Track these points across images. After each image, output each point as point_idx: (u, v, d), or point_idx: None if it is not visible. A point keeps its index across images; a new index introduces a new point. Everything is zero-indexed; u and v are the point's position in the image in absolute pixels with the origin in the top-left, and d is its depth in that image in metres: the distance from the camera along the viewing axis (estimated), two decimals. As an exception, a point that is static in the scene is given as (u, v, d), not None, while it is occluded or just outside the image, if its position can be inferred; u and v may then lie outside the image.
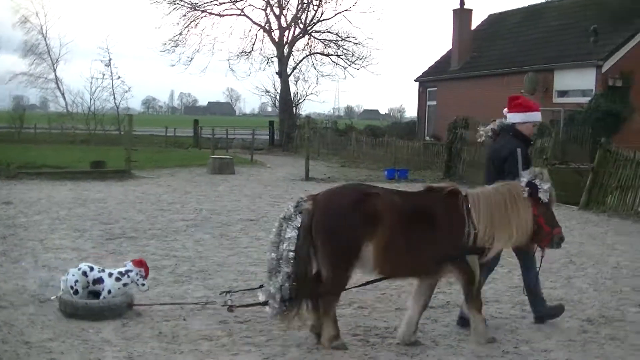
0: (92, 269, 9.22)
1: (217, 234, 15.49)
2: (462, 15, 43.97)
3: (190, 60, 54.79)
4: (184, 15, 52.73)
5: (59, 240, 14.11)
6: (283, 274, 7.92)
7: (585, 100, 31.13)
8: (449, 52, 45.96)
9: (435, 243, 8.10)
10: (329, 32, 54.72)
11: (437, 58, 48.72)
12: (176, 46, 53.52)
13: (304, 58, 55.60)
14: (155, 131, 59.89)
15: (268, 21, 53.70)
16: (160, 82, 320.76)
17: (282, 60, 53.52)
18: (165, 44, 53.91)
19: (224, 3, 52.81)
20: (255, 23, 54.07)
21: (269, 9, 53.28)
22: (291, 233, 7.96)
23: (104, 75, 59.62)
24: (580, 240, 15.83)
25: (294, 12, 53.77)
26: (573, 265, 13.18)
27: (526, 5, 45.67)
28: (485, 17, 49.04)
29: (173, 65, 55.16)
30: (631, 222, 18.96)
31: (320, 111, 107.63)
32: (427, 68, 48.54)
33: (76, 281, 9.06)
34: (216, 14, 53.32)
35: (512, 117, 9.54)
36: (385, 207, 7.94)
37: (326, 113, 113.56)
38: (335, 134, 47.27)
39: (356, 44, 54.24)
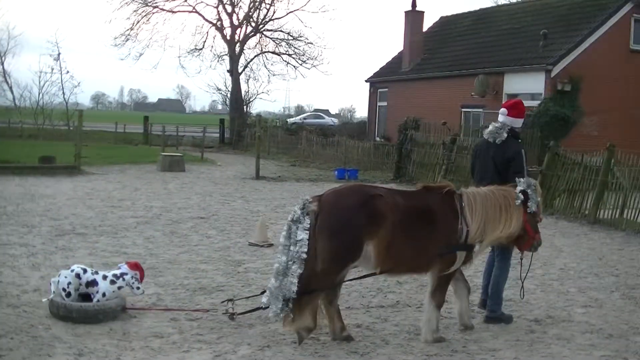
0: (85, 271, 9.02)
1: (167, 231, 15.45)
2: (413, 17, 44.11)
3: (140, 56, 54.43)
4: (135, 11, 52.32)
5: (7, 236, 13.96)
6: (295, 275, 8.01)
7: (534, 103, 31.41)
8: (400, 53, 46.11)
9: (432, 240, 8.45)
10: (281, 31, 54.64)
11: (389, 59, 48.87)
12: (126, 41, 53.10)
13: (255, 56, 55.47)
14: (105, 127, 59.38)
15: (220, 19, 53.44)
16: (110, 78, 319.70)
17: (234, 58, 53.33)
18: (115, 38, 53.52)
19: (176, -1, 52.57)
20: (207, 20, 53.82)
21: (220, 7, 53.00)
22: (302, 235, 8.08)
23: (52, 69, 59.03)
24: (528, 242, 15.98)
25: (246, 10, 53.57)
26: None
27: (477, 8, 46.15)
28: (437, 19, 49.28)
29: (122, 60, 54.75)
30: (578, 225, 19.19)
31: (271, 110, 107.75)
32: (378, 69, 48.64)
33: (69, 283, 8.86)
34: (168, 10, 52.96)
35: (514, 122, 9.89)
36: (388, 207, 8.21)
37: (277, 112, 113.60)
38: (286, 133, 47.22)
39: (308, 43, 54.28)
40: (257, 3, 53.30)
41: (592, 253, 15.07)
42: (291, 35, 54.35)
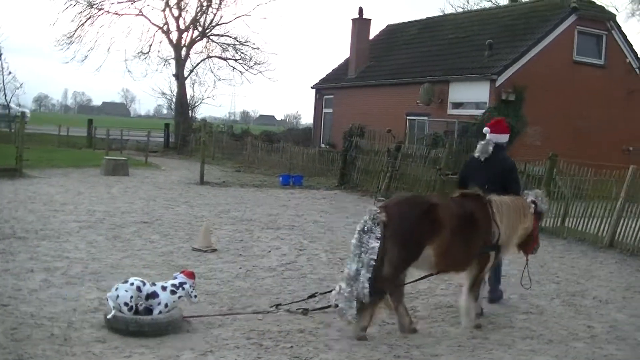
0: (144, 283, 8.96)
1: (110, 236, 15.30)
2: (360, 24, 44.25)
3: (84, 59, 54.02)
4: (80, 12, 51.89)
5: (-55, 239, 13.77)
6: (366, 280, 8.67)
7: (479, 112, 31.72)
8: (347, 60, 46.23)
9: (475, 242, 9.59)
10: (228, 35, 54.68)
11: (335, 66, 48.99)
12: (71, 43, 52.62)
13: (201, 61, 55.39)
14: (48, 130, 58.61)
15: (166, 22, 53.23)
16: (54, 80, 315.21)
17: (180, 62, 53.15)
18: (59, 40, 52.97)
19: (122, 2, 52.21)
20: (154, 24, 53.63)
21: (167, 10, 52.82)
22: (374, 243, 8.82)
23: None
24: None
25: (193, 14, 53.50)
26: (464, 273, 13.43)
27: (424, 17, 46.43)
28: (384, 27, 49.55)
29: (67, 62, 54.34)
30: (520, 233, 19.37)
31: (216, 115, 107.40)
32: (324, 76, 48.79)
33: (131, 297, 8.76)
34: (114, 13, 52.65)
35: (499, 138, 11.12)
36: (445, 215, 9.23)
37: (222, 117, 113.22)
38: (231, 138, 47.12)
39: (254, 48, 54.28)
40: (204, 7, 53.26)
41: (534, 261, 15.09)
42: (238, 41, 54.51)
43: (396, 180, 26.38)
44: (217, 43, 54.90)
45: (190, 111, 55.28)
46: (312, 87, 48.57)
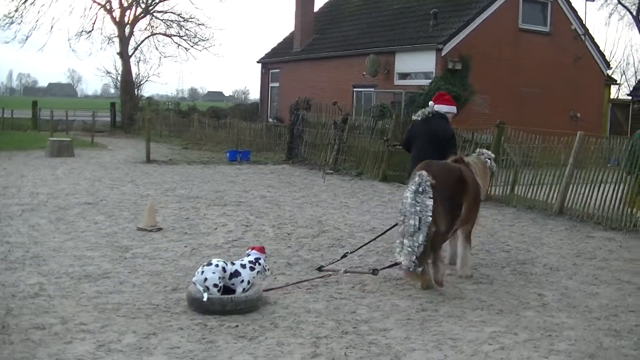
0: (226, 263, 9.15)
1: (53, 218, 14.93)
2: (304, -4, 43.96)
3: (26, 39, 53.12)
4: (21, -9, 50.90)
5: None
6: (423, 236, 9.83)
7: (425, 82, 31.65)
8: (292, 34, 45.97)
9: (478, 198, 11.06)
10: (172, 12, 54.13)
11: (280, 40, 48.67)
12: (12, 23, 51.67)
13: (145, 38, 54.78)
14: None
15: (109, 0, 52.48)
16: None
17: (124, 40, 52.40)
18: (-1, 20, 51.91)
19: (63, -20, 51.42)
20: (95, 1, 52.78)
21: (109, -13, 52.06)
22: (428, 202, 9.88)
23: None
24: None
25: (136, -9, 52.72)
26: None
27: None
28: (328, -1, 49.25)
29: (7, 43, 53.33)
30: (469, 202, 19.31)
31: (164, 93, 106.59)
32: (270, 50, 48.45)
33: (219, 278, 8.95)
34: (54, -8, 51.74)
35: (444, 109, 12.32)
36: (467, 177, 10.64)
37: (170, 95, 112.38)
38: (177, 115, 46.65)
39: (198, 24, 53.78)
40: (146, -16, 52.52)
41: (483, 230, 15.08)
42: (182, 17, 53.85)
43: (344, 152, 26.20)
44: (161, 20, 54.33)
45: (136, 89, 54.64)
46: (257, 62, 48.29)
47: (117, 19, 52.48)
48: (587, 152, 18.23)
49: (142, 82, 55.96)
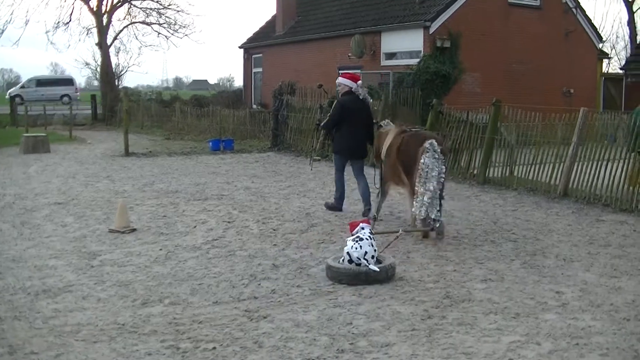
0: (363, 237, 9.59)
1: (18, 222, 13.68)
2: (285, -22, 42.80)
3: (2, 33, 51.75)
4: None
5: None
6: (439, 199, 11.74)
7: (413, 62, 30.49)
8: (274, 17, 44.90)
9: None
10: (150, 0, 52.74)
11: (262, 24, 47.58)
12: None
13: (124, 28, 53.48)
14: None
15: (85, -10, 51.02)
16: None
17: (102, 30, 50.98)
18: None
19: (36, -30, 50.05)
20: (71, -8, 51.46)
21: (84, -24, 50.62)
22: (443, 167, 11.76)
23: None
24: (415, 209, 14.83)
25: (112, -21, 51.27)
26: (410, 236, 12.13)
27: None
28: (310, -21, 48.03)
29: (-17, 38, 52.09)
30: (467, 186, 18.18)
31: (148, 83, 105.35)
32: (251, 34, 47.32)
33: (374, 250, 9.48)
34: (29, -17, 50.44)
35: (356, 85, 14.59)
36: None
37: (155, 85, 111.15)
38: (159, 105, 45.39)
39: (178, 11, 52.59)
40: (122, -29, 51.14)
41: (486, 217, 13.98)
42: (161, 4, 52.49)
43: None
44: (140, 8, 52.87)
45: (117, 80, 53.43)
46: (239, 47, 47.20)
47: (95, 9, 51.02)
48: (591, 129, 17.10)
49: (122, 73, 54.75)
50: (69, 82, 67.21)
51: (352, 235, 9.75)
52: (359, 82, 14.76)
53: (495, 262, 10.49)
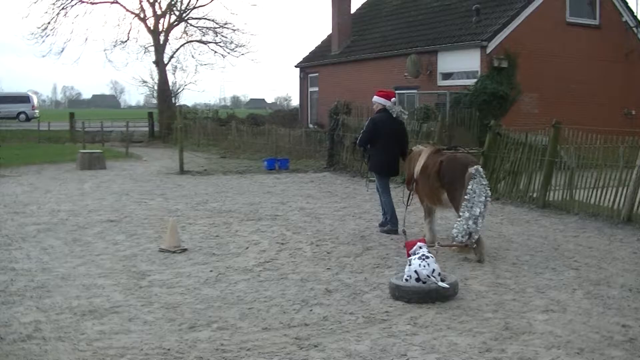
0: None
1: (69, 239, 13.61)
2: (340, -3, 42.67)
3: (62, 51, 52.20)
4: (53, 3, 49.93)
5: None
6: (483, 219, 12.06)
7: (470, 82, 30.12)
8: (329, 36, 44.76)
9: None
10: (206, 18, 52.92)
11: (318, 43, 47.47)
12: (46, 36, 50.69)
13: (181, 46, 53.69)
14: (31, 126, 56.50)
15: (142, 9, 51.31)
16: (42, 76, 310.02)
17: (159, 49, 51.29)
18: (33, 33, 51.06)
19: (96, -10, 50.34)
20: (129, 11, 51.78)
21: (142, -4, 50.92)
22: (488, 190, 12.14)
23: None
24: (473, 233, 14.42)
25: (169, -1, 51.54)
26: (468, 263, 11.75)
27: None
28: (365, -1, 47.87)
29: (44, 56, 52.68)
30: (526, 210, 17.70)
31: (206, 101, 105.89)
32: (307, 54, 47.23)
33: (438, 267, 9.63)
34: (88, 2, 50.76)
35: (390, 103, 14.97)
36: None
37: (213, 103, 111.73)
38: (216, 123, 45.47)
39: (234, 30, 52.62)
40: (179, -9, 51.35)
41: (546, 242, 13.54)
42: (217, 23, 52.71)
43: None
44: (196, 27, 53.21)
45: (173, 98, 53.67)
46: (295, 66, 47.10)
47: (152, 28, 51.33)
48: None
49: (179, 91, 54.98)
50: (26, 99, 69.91)
51: (411, 255, 9.73)
52: (393, 99, 15.26)
53: (556, 292, 10.04)
